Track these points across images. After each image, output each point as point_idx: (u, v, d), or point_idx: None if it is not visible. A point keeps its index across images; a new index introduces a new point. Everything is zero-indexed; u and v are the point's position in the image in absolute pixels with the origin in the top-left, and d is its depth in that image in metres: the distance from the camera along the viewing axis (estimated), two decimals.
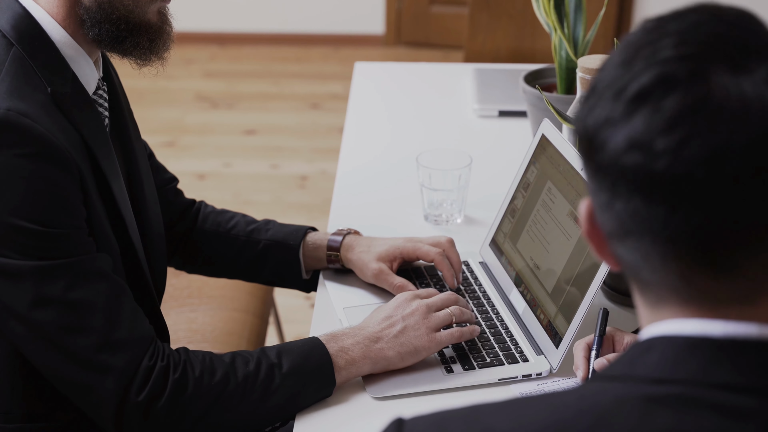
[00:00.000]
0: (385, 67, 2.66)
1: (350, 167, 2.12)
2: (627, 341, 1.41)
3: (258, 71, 5.03)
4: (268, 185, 4.00)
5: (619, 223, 0.78)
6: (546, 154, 1.65)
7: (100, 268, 1.36)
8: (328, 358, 1.44)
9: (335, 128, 4.45)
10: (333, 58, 5.20)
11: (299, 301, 3.21)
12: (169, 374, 1.37)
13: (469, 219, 1.90)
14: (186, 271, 1.86)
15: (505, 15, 3.02)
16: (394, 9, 5.27)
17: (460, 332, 1.51)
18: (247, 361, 1.41)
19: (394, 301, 1.53)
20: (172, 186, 1.81)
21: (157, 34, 1.44)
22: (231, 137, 4.39)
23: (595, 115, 0.78)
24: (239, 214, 1.82)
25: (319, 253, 1.74)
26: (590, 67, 1.75)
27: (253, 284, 2.30)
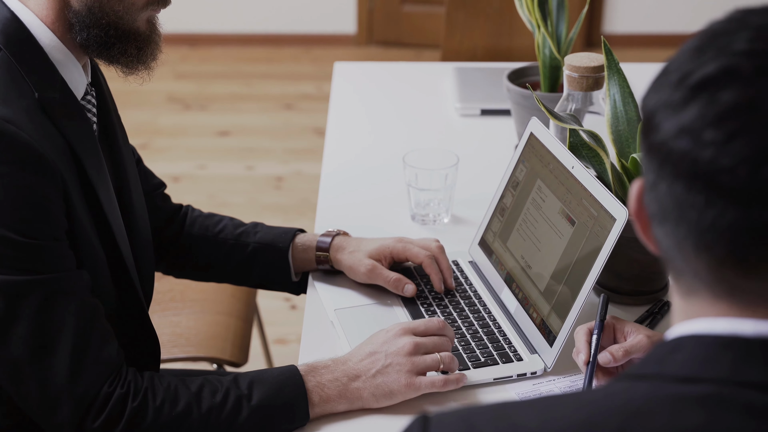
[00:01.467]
0: (364, 67, 2.65)
1: (334, 168, 2.11)
2: (627, 330, 1.41)
3: (229, 72, 5.01)
4: (244, 187, 3.98)
5: (660, 206, 0.78)
6: (535, 153, 1.65)
7: (75, 287, 1.32)
8: (303, 392, 1.38)
9: (309, 129, 4.44)
10: (304, 58, 5.19)
11: (279, 303, 3.20)
12: (127, 402, 1.32)
13: (456, 218, 1.89)
14: (173, 276, 1.85)
15: (482, 14, 3.02)
16: (365, 8, 5.26)
17: (444, 381, 1.42)
18: (215, 391, 1.36)
19: (384, 333, 1.45)
20: (159, 191, 1.79)
21: (145, 42, 1.42)
22: (204, 139, 4.36)
23: (657, 95, 0.79)
24: (227, 217, 1.81)
25: (309, 254, 1.72)
26: (577, 65, 1.75)
27: (237, 287, 2.29)
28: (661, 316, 1.60)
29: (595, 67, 1.74)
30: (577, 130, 1.58)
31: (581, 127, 1.57)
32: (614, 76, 1.64)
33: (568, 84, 1.77)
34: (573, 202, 1.53)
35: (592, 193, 1.48)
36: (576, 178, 1.53)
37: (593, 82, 1.75)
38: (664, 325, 1.59)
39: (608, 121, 1.63)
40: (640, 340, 1.38)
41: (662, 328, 1.59)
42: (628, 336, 1.41)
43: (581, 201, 1.51)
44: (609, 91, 1.64)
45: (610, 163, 1.58)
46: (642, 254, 1.58)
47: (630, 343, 1.38)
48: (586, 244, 1.47)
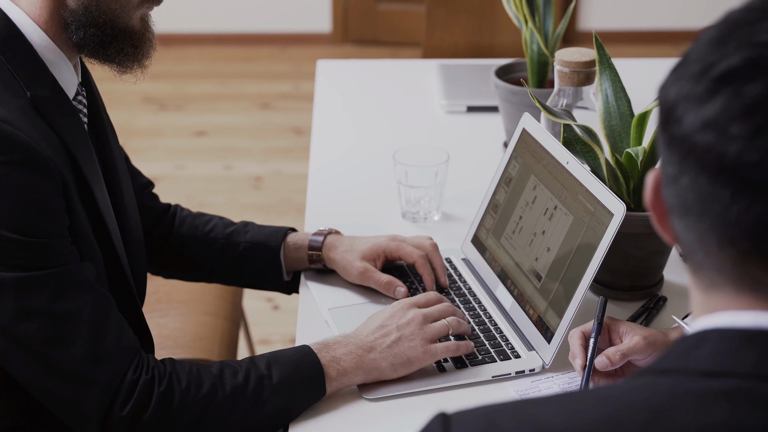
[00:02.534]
0: (346, 65, 2.64)
1: (321, 166, 2.09)
2: (623, 330, 1.40)
3: (205, 72, 4.98)
4: (222, 187, 3.96)
5: (682, 199, 0.77)
6: (528, 148, 1.64)
7: (84, 278, 1.32)
8: (319, 368, 1.40)
9: (287, 128, 4.42)
10: (280, 57, 5.16)
11: (261, 304, 3.18)
12: (154, 387, 1.33)
13: (447, 216, 1.88)
14: (163, 276, 1.83)
15: (463, 11, 3.01)
16: (340, 6, 5.24)
17: (457, 345, 1.47)
18: (236, 372, 1.37)
19: (389, 308, 1.50)
20: (148, 190, 1.77)
21: (140, 40, 1.41)
22: (182, 139, 4.33)
23: (678, 87, 0.77)
24: (216, 216, 1.79)
25: (301, 253, 1.71)
26: (569, 60, 1.74)
27: (223, 287, 2.27)
28: (656, 311, 1.60)
29: (586, 62, 1.74)
30: (572, 126, 1.57)
31: (576, 122, 1.56)
32: (606, 71, 1.63)
33: (559, 79, 1.76)
34: (568, 197, 1.52)
35: (588, 188, 1.48)
36: (571, 174, 1.52)
37: (584, 77, 1.75)
38: (660, 320, 1.59)
39: (601, 116, 1.62)
40: (637, 342, 1.37)
41: (658, 323, 1.58)
42: (624, 336, 1.40)
43: (577, 196, 1.50)
44: (601, 86, 1.63)
45: (605, 158, 1.57)
46: (637, 249, 1.58)
47: (627, 345, 1.37)
48: (583, 239, 1.47)
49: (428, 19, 3.02)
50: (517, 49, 2.96)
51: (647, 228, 1.55)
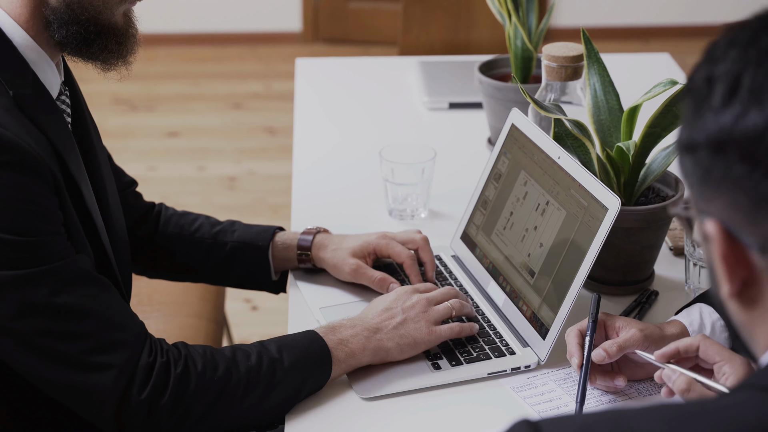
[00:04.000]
0: (325, 63, 2.62)
1: (305, 166, 2.07)
2: (618, 325, 1.40)
3: (175, 72, 4.94)
4: (196, 187, 3.93)
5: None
6: (517, 144, 1.63)
7: (82, 269, 1.31)
8: (327, 351, 1.41)
9: (259, 128, 4.39)
10: (251, 57, 5.13)
11: (240, 305, 3.15)
12: (170, 370, 1.32)
13: (434, 213, 1.87)
14: (148, 277, 1.80)
15: (439, 7, 3.00)
16: (310, 5, 5.21)
17: (461, 327, 1.49)
18: (248, 355, 1.38)
19: (393, 293, 1.52)
20: (131, 189, 1.75)
21: (124, 37, 1.40)
22: (153, 140, 4.29)
23: (755, 116, 0.73)
24: (202, 215, 1.77)
25: (289, 253, 1.69)
26: (556, 54, 1.73)
27: (205, 288, 2.24)
28: (648, 306, 1.59)
29: (574, 56, 1.73)
30: (562, 120, 1.57)
31: (567, 117, 1.55)
32: (594, 65, 1.63)
33: (546, 74, 1.76)
34: (561, 192, 1.51)
35: (581, 183, 1.47)
36: (563, 169, 1.51)
37: (572, 71, 1.74)
38: (652, 314, 1.59)
39: (590, 111, 1.62)
40: (633, 334, 1.37)
41: (650, 317, 1.58)
42: (620, 331, 1.39)
43: (569, 191, 1.49)
44: (589, 81, 1.62)
45: (596, 153, 1.56)
46: (629, 244, 1.57)
47: (623, 338, 1.37)
48: (577, 234, 1.46)
49: (405, 16, 3.01)
50: (494, 45, 2.95)
51: (639, 222, 1.55)
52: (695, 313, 1.44)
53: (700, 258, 1.59)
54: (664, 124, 1.54)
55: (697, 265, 1.60)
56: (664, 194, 1.63)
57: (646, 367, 1.41)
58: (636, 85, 2.00)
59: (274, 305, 3.16)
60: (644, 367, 1.41)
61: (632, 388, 1.41)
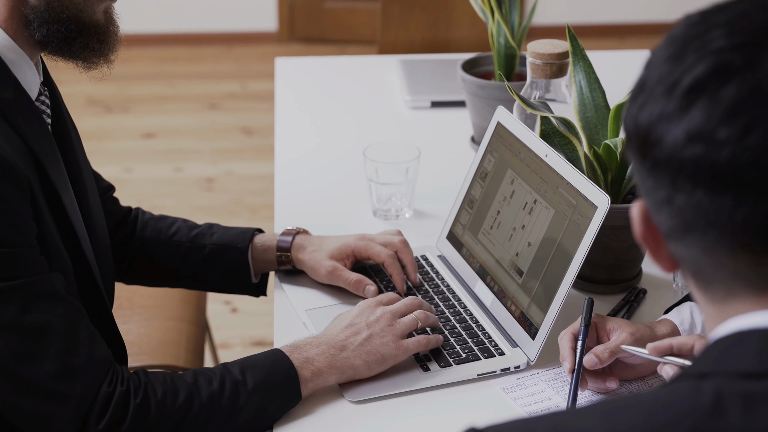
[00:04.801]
0: (304, 62, 2.59)
1: (287, 166, 2.05)
2: (610, 327, 1.39)
3: (150, 73, 4.89)
4: (173, 189, 3.89)
5: (680, 219, 0.76)
6: (503, 142, 1.61)
7: (54, 289, 1.27)
8: (293, 371, 1.37)
9: (236, 128, 4.36)
10: (226, 57, 5.09)
11: (219, 307, 3.12)
12: (129, 399, 1.28)
13: (418, 213, 1.85)
14: (125, 282, 1.77)
15: (418, 6, 2.98)
16: (286, 5, 5.18)
17: (428, 340, 1.46)
18: (211, 380, 1.34)
19: (356, 308, 1.48)
20: (109, 194, 1.72)
21: (105, 34, 1.37)
22: (129, 141, 4.25)
23: (647, 112, 0.77)
24: (180, 219, 1.74)
25: (269, 255, 1.67)
26: (541, 51, 1.72)
27: (186, 291, 2.21)
28: (637, 304, 1.58)
29: (559, 53, 1.72)
30: (549, 118, 1.55)
31: (554, 115, 1.54)
32: (579, 62, 1.61)
33: (531, 71, 1.74)
34: (549, 191, 1.50)
35: (570, 181, 1.46)
36: (551, 167, 1.50)
37: (557, 69, 1.73)
38: (641, 313, 1.57)
39: (575, 108, 1.61)
40: (624, 339, 1.36)
41: (639, 316, 1.57)
42: (611, 334, 1.38)
43: (557, 189, 1.48)
44: (574, 78, 1.61)
45: (583, 150, 1.55)
46: (617, 242, 1.56)
47: (615, 343, 1.36)
48: (566, 233, 1.45)
49: (383, 14, 2.99)
50: (473, 43, 2.93)
51: (628, 220, 1.53)
52: (686, 312, 1.42)
53: None
54: None
55: None
56: None
57: (637, 368, 1.40)
58: (618, 83, 1.98)
59: (255, 307, 3.13)
60: (635, 368, 1.40)
61: (623, 389, 1.40)
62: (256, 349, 2.97)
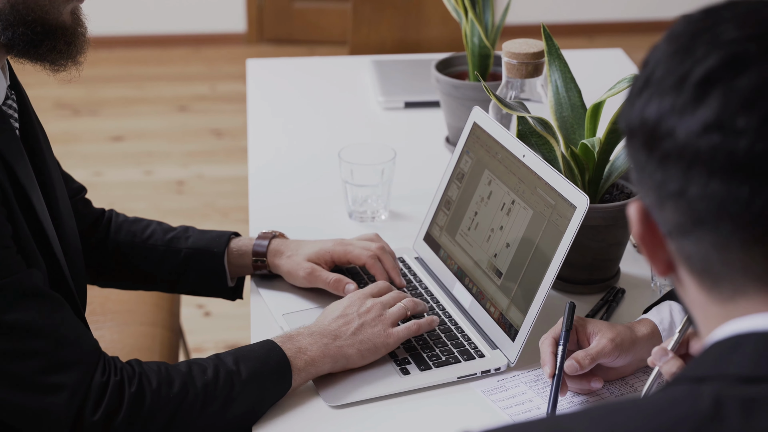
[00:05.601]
0: (276, 63, 2.57)
1: (261, 168, 2.03)
2: (590, 331, 1.38)
3: (118, 75, 4.85)
4: (143, 192, 3.86)
5: (690, 213, 0.75)
6: (480, 143, 1.60)
7: (33, 285, 1.26)
8: (286, 361, 1.37)
9: (206, 130, 4.33)
10: (195, 59, 5.06)
11: (192, 311, 3.10)
12: (124, 389, 1.28)
13: (394, 214, 1.84)
14: (99, 286, 1.75)
15: (389, 6, 2.97)
16: (255, 5, 5.16)
17: (418, 324, 1.46)
18: (205, 369, 1.34)
19: (346, 299, 1.48)
20: (81, 196, 1.70)
21: (73, 36, 1.34)
22: (98, 145, 4.21)
23: (655, 105, 0.76)
24: (154, 221, 1.72)
25: (245, 260, 1.65)
26: (517, 51, 1.71)
27: (159, 295, 2.19)
28: (616, 304, 1.58)
29: (534, 53, 1.71)
30: (526, 118, 1.54)
31: (531, 115, 1.53)
32: (555, 61, 1.60)
33: (507, 71, 1.73)
34: (527, 191, 1.49)
35: (548, 181, 1.45)
36: (528, 167, 1.49)
37: (533, 68, 1.72)
38: (620, 313, 1.57)
39: (552, 108, 1.60)
40: (604, 345, 1.35)
41: (618, 316, 1.56)
42: (592, 337, 1.37)
43: (536, 190, 1.47)
44: (550, 77, 1.60)
45: (561, 150, 1.54)
46: (595, 242, 1.55)
47: (595, 349, 1.35)
48: (545, 233, 1.44)
49: (354, 15, 2.98)
50: (445, 43, 2.93)
51: (606, 220, 1.53)
52: (665, 311, 1.42)
53: None
54: None
55: None
56: (629, 191, 1.62)
57: (617, 369, 1.39)
58: (591, 81, 1.99)
59: (228, 311, 3.11)
60: (616, 369, 1.39)
61: (605, 390, 1.39)
62: None
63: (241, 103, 4.58)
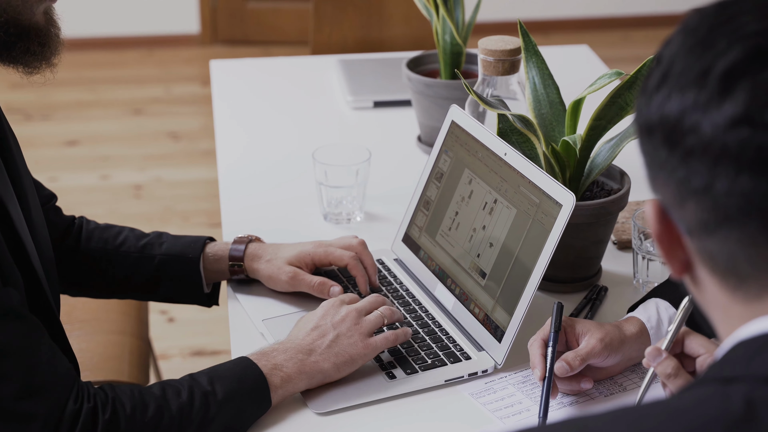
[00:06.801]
0: (239, 64, 2.53)
1: (230, 171, 1.99)
2: (579, 331, 1.36)
3: (71, 78, 4.76)
4: (101, 197, 3.79)
5: (716, 209, 0.73)
6: (459, 142, 1.58)
7: (8, 306, 1.21)
8: (262, 378, 1.33)
9: (162, 133, 4.27)
10: (149, 61, 4.99)
11: (155, 317, 3.04)
12: (98, 416, 1.23)
13: (370, 215, 1.81)
14: (70, 294, 1.71)
15: (350, 5, 2.94)
16: (208, 7, 5.10)
17: (395, 335, 1.42)
18: (179, 391, 1.29)
19: (319, 309, 1.43)
20: (51, 204, 1.65)
21: (46, 37, 1.30)
22: (52, 150, 4.13)
23: (676, 101, 0.74)
24: (126, 228, 1.67)
25: (221, 265, 1.61)
26: (493, 48, 1.69)
27: (127, 302, 2.14)
28: (599, 302, 1.56)
29: (511, 50, 1.69)
30: (507, 115, 1.52)
31: (511, 112, 1.51)
32: (532, 58, 1.59)
33: (483, 68, 1.71)
34: (509, 190, 1.47)
35: (532, 179, 1.43)
36: (511, 165, 1.47)
37: (509, 65, 1.70)
38: (603, 311, 1.55)
39: (530, 105, 1.58)
40: (594, 346, 1.33)
41: (602, 314, 1.55)
42: (580, 338, 1.36)
43: (519, 188, 1.45)
44: (528, 74, 1.58)
45: (542, 148, 1.52)
46: (578, 240, 1.54)
47: (585, 350, 1.33)
48: (530, 232, 1.42)
49: (316, 14, 2.94)
50: (408, 42, 2.90)
51: (589, 218, 1.51)
52: (652, 309, 1.41)
53: (648, 251, 1.57)
54: (609, 116, 1.51)
55: (645, 258, 1.57)
56: (609, 188, 1.60)
57: (607, 369, 1.38)
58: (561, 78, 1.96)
59: (191, 316, 3.06)
60: (605, 369, 1.38)
61: (594, 389, 1.38)
62: (195, 360, 2.91)
63: (197, 105, 4.52)
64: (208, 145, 4.07)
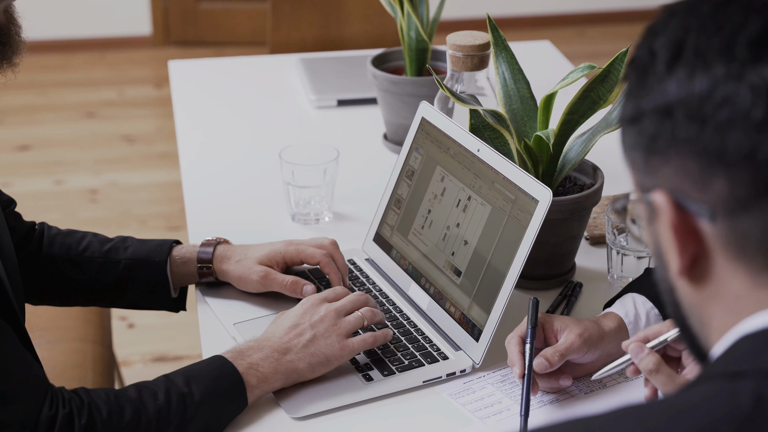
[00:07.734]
0: (197, 65, 2.48)
1: (194, 173, 1.95)
2: (557, 327, 1.34)
3: (20, 82, 4.65)
4: (55, 203, 3.72)
5: (756, 180, 0.70)
6: (430, 138, 1.56)
7: None
8: (238, 377, 1.31)
9: (117, 136, 4.20)
10: (100, 64, 4.92)
11: (115, 323, 2.98)
12: (74, 421, 1.20)
13: (338, 215, 1.78)
14: (33, 303, 1.65)
15: (308, 3, 2.91)
16: (159, 8, 5.04)
17: (374, 337, 1.39)
18: (155, 393, 1.26)
19: (299, 307, 1.40)
20: (10, 209, 1.60)
21: (7, 36, 1.26)
22: (3, 155, 4.05)
23: (702, 78, 0.73)
24: (90, 233, 1.63)
25: (189, 268, 1.57)
26: (461, 43, 1.67)
27: (88, 309, 2.10)
28: (575, 298, 1.55)
29: (480, 45, 1.67)
30: (479, 111, 1.50)
31: (483, 108, 1.49)
32: (502, 53, 1.57)
33: (452, 64, 1.69)
34: (483, 187, 1.45)
35: (506, 175, 1.41)
36: (484, 162, 1.45)
37: (478, 61, 1.68)
38: (579, 308, 1.54)
39: (501, 101, 1.56)
40: (573, 341, 1.32)
41: (577, 310, 1.53)
42: (559, 334, 1.34)
43: (493, 185, 1.43)
44: (498, 70, 1.56)
45: (515, 144, 1.50)
46: (552, 236, 1.52)
47: (564, 345, 1.32)
48: (506, 229, 1.40)
49: (274, 14, 2.91)
50: (367, 40, 2.88)
51: (563, 213, 1.50)
52: (629, 304, 1.39)
53: (622, 246, 1.55)
54: (582, 111, 1.49)
55: (619, 253, 1.56)
56: (582, 183, 1.59)
57: (585, 365, 1.36)
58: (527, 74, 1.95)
59: (152, 321, 3.01)
60: (584, 365, 1.36)
61: (575, 387, 1.36)
62: (157, 366, 2.86)
63: (151, 107, 4.46)
64: (164, 148, 4.02)
